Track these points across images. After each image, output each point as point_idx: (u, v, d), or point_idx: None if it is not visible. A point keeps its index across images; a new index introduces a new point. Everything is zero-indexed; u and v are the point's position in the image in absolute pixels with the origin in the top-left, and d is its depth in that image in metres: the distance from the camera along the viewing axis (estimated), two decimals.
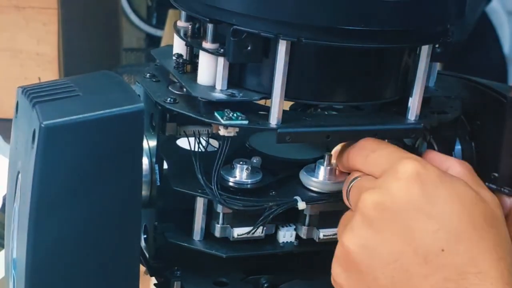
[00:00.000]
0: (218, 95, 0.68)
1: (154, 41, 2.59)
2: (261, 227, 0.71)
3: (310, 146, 0.80)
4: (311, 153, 0.79)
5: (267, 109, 0.68)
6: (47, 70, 1.95)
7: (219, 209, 0.71)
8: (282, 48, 0.65)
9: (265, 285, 0.75)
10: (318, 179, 0.73)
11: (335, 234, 0.73)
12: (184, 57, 0.72)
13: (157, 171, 0.72)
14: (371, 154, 0.66)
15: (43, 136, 0.62)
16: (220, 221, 0.71)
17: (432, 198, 0.61)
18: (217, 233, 0.72)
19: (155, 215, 0.73)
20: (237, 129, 0.67)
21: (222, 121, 0.66)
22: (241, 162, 0.72)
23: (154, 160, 0.72)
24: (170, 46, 0.76)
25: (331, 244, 0.74)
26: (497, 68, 2.35)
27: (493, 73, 2.29)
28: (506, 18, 2.37)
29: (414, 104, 0.70)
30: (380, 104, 0.72)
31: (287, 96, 0.67)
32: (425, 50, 0.69)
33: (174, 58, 0.73)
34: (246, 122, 0.66)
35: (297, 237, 0.74)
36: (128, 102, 0.65)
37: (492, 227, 0.61)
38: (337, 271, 0.64)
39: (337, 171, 0.73)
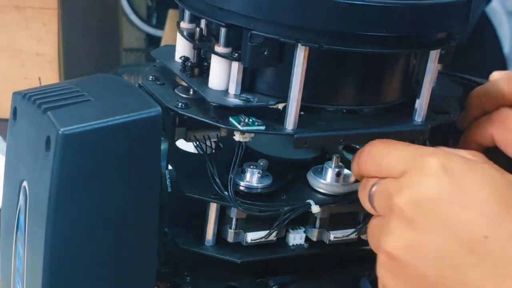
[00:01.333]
0: (234, 100, 0.67)
1: (154, 41, 2.58)
2: (275, 231, 0.71)
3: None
4: (307, 153, 0.79)
5: (278, 112, 0.68)
6: (47, 70, 1.94)
7: (232, 214, 0.71)
8: (300, 53, 0.64)
9: (274, 287, 0.75)
10: (326, 181, 0.73)
11: (346, 235, 0.74)
12: (192, 60, 0.72)
13: (168, 177, 0.71)
14: (385, 159, 0.65)
15: (61, 143, 0.61)
16: (233, 226, 0.71)
17: (463, 186, 0.60)
18: (230, 238, 0.71)
19: (165, 220, 0.72)
20: (252, 135, 0.67)
21: (240, 127, 0.66)
22: (251, 166, 0.71)
23: (164, 165, 0.72)
24: (169, 46, 0.76)
25: (340, 246, 0.74)
26: (497, 68, 2.35)
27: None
28: (506, 18, 2.36)
29: (422, 105, 0.71)
30: (384, 106, 0.73)
31: (302, 100, 0.66)
32: (433, 53, 0.69)
33: (180, 60, 0.72)
34: (263, 127, 0.66)
35: (307, 239, 0.74)
36: (144, 106, 0.64)
37: None
38: (385, 276, 0.63)
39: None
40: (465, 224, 0.59)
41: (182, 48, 0.73)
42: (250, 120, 0.66)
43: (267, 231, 0.71)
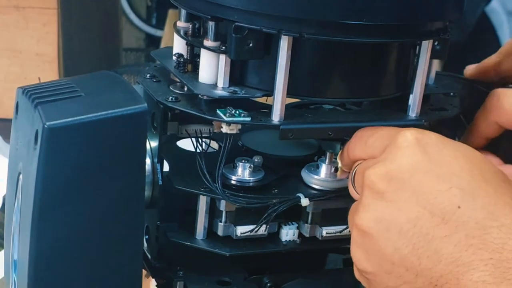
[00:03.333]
0: (220, 92, 0.68)
1: (154, 41, 2.59)
2: (264, 225, 0.71)
3: (301, 143, 0.80)
4: (303, 150, 0.79)
5: (269, 107, 0.68)
6: (47, 70, 1.94)
7: (222, 207, 0.71)
8: (284, 43, 0.65)
9: (268, 284, 0.75)
10: (319, 177, 0.73)
11: (338, 232, 0.73)
12: (185, 57, 0.72)
13: (158, 171, 0.72)
14: (369, 139, 0.65)
15: (46, 137, 0.61)
16: (223, 219, 0.71)
17: (437, 159, 0.60)
18: (220, 232, 0.72)
19: (157, 215, 0.73)
20: (239, 126, 0.67)
21: (225, 118, 0.66)
22: (243, 161, 0.72)
23: (156, 160, 0.72)
24: (170, 48, 0.77)
25: (333, 242, 0.74)
26: None
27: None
28: (506, 18, 2.36)
29: (415, 100, 0.71)
30: (381, 101, 0.73)
31: (289, 93, 0.67)
32: (425, 45, 0.69)
33: (174, 57, 0.73)
34: (248, 118, 0.67)
35: (300, 235, 0.74)
36: (131, 102, 0.65)
37: (505, 183, 0.59)
38: (357, 256, 0.62)
39: (339, 172, 0.73)
40: (437, 194, 0.58)
41: (178, 46, 0.74)
42: (237, 112, 0.67)
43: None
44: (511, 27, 2.37)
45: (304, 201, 0.70)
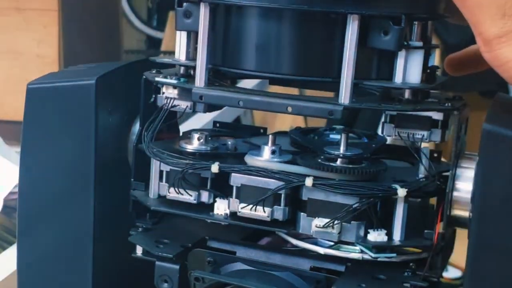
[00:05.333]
0: (166, 60, 0.75)
1: (154, 43, 2.60)
2: (195, 192, 0.74)
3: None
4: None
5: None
6: (48, 72, 1.95)
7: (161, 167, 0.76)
8: (201, 11, 0.69)
9: (208, 258, 0.76)
10: (249, 156, 0.73)
11: (253, 210, 0.72)
12: None
13: (136, 134, 0.79)
14: None
15: (27, 94, 0.76)
16: (164, 179, 0.75)
17: None
18: (161, 192, 0.76)
19: (131, 172, 0.79)
20: (176, 92, 0.74)
21: (157, 79, 0.73)
22: (199, 132, 0.76)
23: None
24: None
25: (254, 222, 0.72)
26: None
27: (493, 73, 2.27)
28: None
29: (342, 87, 0.67)
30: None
31: (211, 63, 0.71)
32: (349, 19, 0.65)
33: None
34: (174, 81, 0.73)
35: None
36: (87, 77, 0.75)
37: None
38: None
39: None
40: None
41: None
42: (173, 78, 0.73)
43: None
44: None
45: (214, 168, 0.71)
